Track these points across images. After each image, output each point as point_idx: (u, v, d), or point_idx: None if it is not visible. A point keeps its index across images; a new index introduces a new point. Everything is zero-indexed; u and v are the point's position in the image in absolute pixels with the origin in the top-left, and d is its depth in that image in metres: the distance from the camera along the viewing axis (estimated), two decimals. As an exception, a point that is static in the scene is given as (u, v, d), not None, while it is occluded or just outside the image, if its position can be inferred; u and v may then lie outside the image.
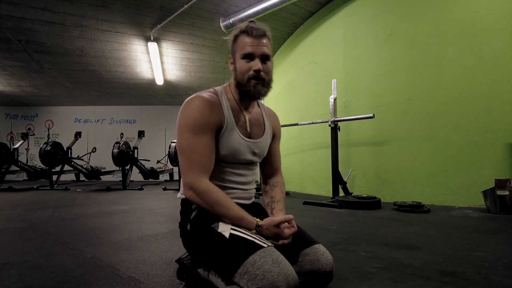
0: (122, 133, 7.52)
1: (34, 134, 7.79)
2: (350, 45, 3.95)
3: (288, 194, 4.32)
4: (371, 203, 2.94)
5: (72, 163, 5.70)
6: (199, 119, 0.95)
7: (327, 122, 3.50)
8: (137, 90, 6.82)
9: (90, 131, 7.92)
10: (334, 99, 3.51)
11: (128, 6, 4.02)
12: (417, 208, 2.71)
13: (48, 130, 8.02)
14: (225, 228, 0.90)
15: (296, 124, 4.07)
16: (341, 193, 3.47)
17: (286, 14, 4.48)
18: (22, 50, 4.81)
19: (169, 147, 5.20)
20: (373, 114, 3.18)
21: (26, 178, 7.10)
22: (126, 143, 5.48)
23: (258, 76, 0.97)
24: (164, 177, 7.34)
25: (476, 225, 2.15)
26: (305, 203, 3.33)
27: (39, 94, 7.00)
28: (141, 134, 6.06)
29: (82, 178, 7.19)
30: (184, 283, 1.10)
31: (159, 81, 6.05)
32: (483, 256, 1.42)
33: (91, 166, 6.46)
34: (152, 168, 6.16)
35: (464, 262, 1.35)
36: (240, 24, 1.01)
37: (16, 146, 5.56)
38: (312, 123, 3.89)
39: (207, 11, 4.28)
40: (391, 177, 3.44)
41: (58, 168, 5.91)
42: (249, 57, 0.97)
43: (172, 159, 5.09)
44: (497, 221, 2.26)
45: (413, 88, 3.33)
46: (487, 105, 2.88)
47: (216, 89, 1.06)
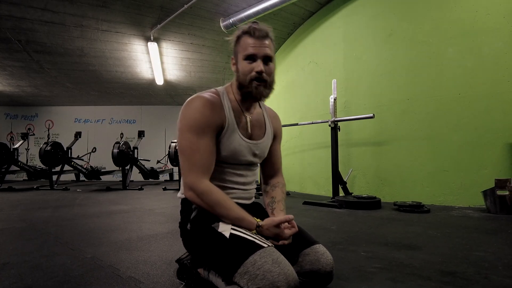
0: (122, 133, 7.51)
1: (34, 134, 7.78)
2: (350, 45, 3.95)
3: (288, 194, 4.32)
4: (371, 203, 2.94)
5: (72, 163, 5.70)
6: (200, 119, 0.94)
7: (327, 122, 3.51)
8: (137, 90, 6.82)
9: (90, 131, 7.92)
10: (334, 99, 3.51)
11: (128, 6, 4.02)
12: (417, 208, 2.71)
13: (48, 130, 8.01)
14: (226, 228, 0.90)
15: (296, 124, 4.07)
16: (341, 193, 3.47)
17: (286, 14, 4.48)
18: (22, 50, 4.81)
19: (169, 147, 5.19)
20: (373, 114, 3.18)
21: (26, 178, 7.10)
22: (126, 143, 5.48)
23: (260, 78, 0.96)
24: (164, 177, 7.34)
25: (476, 225, 2.15)
26: (305, 203, 3.33)
27: (39, 94, 7.00)
28: (141, 134, 6.06)
29: (82, 178, 7.19)
30: (184, 283, 1.10)
31: (159, 81, 6.05)
32: (483, 256, 1.42)
33: (91, 166, 6.46)
34: (152, 168, 6.16)
35: (464, 262, 1.35)
36: (242, 25, 1.00)
37: (16, 146, 5.55)
38: (312, 123, 3.89)
39: (207, 11, 4.28)
40: (391, 177, 3.44)
41: (58, 168, 5.91)
42: (251, 58, 0.96)
43: (172, 159, 5.09)
44: (497, 221, 2.26)
45: (413, 88, 3.33)
46: (487, 105, 2.88)
47: (218, 89, 1.05)
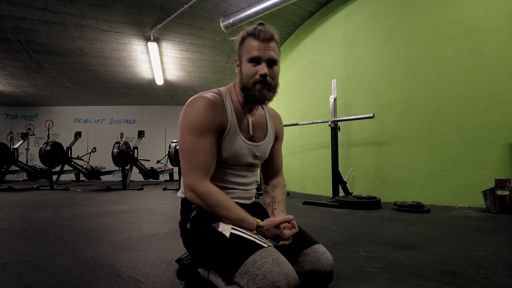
0: (122, 133, 7.51)
1: (34, 134, 7.78)
2: (350, 45, 3.95)
3: (288, 194, 4.31)
4: (371, 203, 2.94)
5: (72, 163, 5.69)
6: (202, 120, 0.93)
7: (327, 122, 3.51)
8: (137, 90, 6.82)
9: (90, 131, 7.92)
10: (334, 99, 3.51)
11: (128, 6, 4.02)
12: (417, 208, 2.71)
13: (48, 130, 8.01)
14: (226, 228, 0.90)
15: (296, 124, 4.07)
16: (341, 193, 3.47)
17: (286, 14, 4.48)
18: (22, 50, 4.81)
19: (169, 147, 5.19)
20: (373, 114, 3.18)
21: (26, 178, 7.10)
22: (126, 143, 5.48)
23: (264, 81, 0.95)
24: (164, 177, 7.33)
25: (476, 225, 2.15)
26: (305, 203, 3.33)
27: (39, 94, 7.00)
28: (141, 134, 6.06)
29: (82, 178, 7.18)
30: (184, 283, 1.10)
31: (159, 81, 6.05)
32: (483, 256, 1.42)
33: (91, 166, 6.45)
34: (152, 168, 6.15)
35: (464, 262, 1.35)
36: (246, 25, 0.99)
37: (16, 146, 5.55)
38: (312, 123, 3.89)
39: (207, 11, 4.28)
40: (391, 177, 3.44)
41: (58, 168, 5.91)
42: (255, 61, 0.95)
43: (172, 159, 5.09)
44: (497, 221, 2.26)
45: (413, 88, 3.33)
46: (487, 105, 2.88)
47: (220, 89, 1.04)
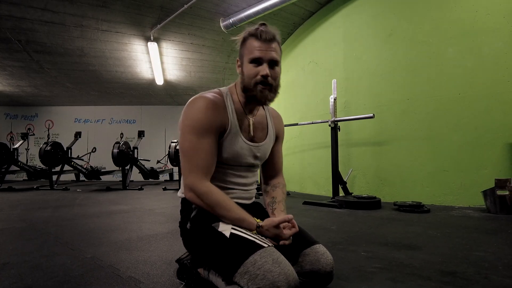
0: (122, 133, 7.51)
1: (34, 134, 7.78)
2: (350, 45, 3.95)
3: (288, 194, 4.31)
4: (371, 203, 2.94)
5: (72, 163, 5.69)
6: (202, 120, 0.93)
7: (327, 122, 3.51)
8: (137, 90, 6.82)
9: (90, 131, 7.92)
10: (334, 99, 3.51)
11: (128, 6, 4.02)
12: (417, 208, 2.71)
13: (48, 130, 8.01)
14: (226, 228, 0.90)
15: (296, 124, 4.07)
16: (341, 193, 3.47)
17: (286, 14, 4.48)
18: (22, 50, 4.81)
19: (169, 147, 5.19)
20: (373, 114, 3.18)
21: (26, 178, 7.10)
22: (126, 143, 5.48)
23: (266, 82, 0.95)
24: (164, 177, 7.33)
25: (476, 225, 2.15)
26: (305, 203, 3.33)
27: (39, 94, 7.00)
28: (141, 134, 6.06)
29: (82, 178, 7.19)
30: (184, 283, 1.10)
31: (159, 81, 6.05)
32: (483, 256, 1.42)
33: (91, 166, 6.45)
34: (152, 168, 6.15)
35: (464, 262, 1.35)
36: (246, 25, 0.99)
37: (16, 146, 5.55)
38: (312, 123, 3.89)
39: (207, 11, 4.28)
40: (391, 177, 3.44)
41: (58, 168, 5.91)
42: (257, 61, 0.95)
43: (172, 159, 5.09)
44: (497, 221, 2.26)
45: (413, 88, 3.33)
46: (487, 105, 2.88)
47: (221, 89, 1.03)
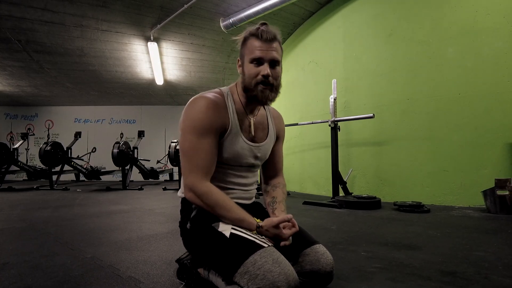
0: (122, 133, 7.51)
1: (34, 134, 7.78)
2: (350, 45, 3.95)
3: (288, 194, 4.31)
4: (371, 203, 2.94)
5: (72, 163, 5.69)
6: (203, 120, 0.93)
7: (327, 122, 3.51)
8: (137, 90, 6.82)
9: (90, 131, 7.92)
10: (334, 99, 3.51)
11: (128, 6, 4.02)
12: (417, 208, 2.71)
13: (48, 130, 8.01)
14: (226, 228, 0.90)
15: (296, 124, 4.07)
16: (341, 193, 3.47)
17: (286, 14, 4.48)
18: (22, 50, 4.81)
19: (169, 147, 5.19)
20: (373, 114, 3.18)
21: (26, 178, 7.10)
22: (126, 143, 5.48)
23: (267, 81, 0.95)
24: (164, 177, 7.33)
25: (476, 225, 2.15)
26: (305, 203, 3.33)
27: (39, 94, 6.99)
28: (141, 134, 6.06)
29: (82, 178, 7.18)
30: (184, 283, 1.10)
31: (159, 81, 6.05)
32: (483, 256, 1.42)
33: (91, 166, 6.45)
34: (152, 168, 6.15)
35: (464, 262, 1.35)
36: (247, 25, 0.99)
37: (16, 146, 5.55)
38: (312, 123, 3.88)
39: (207, 11, 4.28)
40: (391, 177, 3.44)
41: (58, 168, 5.91)
42: (258, 61, 0.95)
43: (172, 159, 5.09)
44: (497, 221, 2.26)
45: (413, 88, 3.33)
46: (487, 105, 2.88)
47: (222, 89, 1.03)
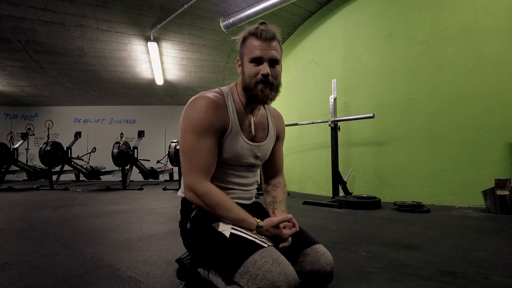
0: (122, 133, 7.51)
1: (34, 134, 7.78)
2: (350, 45, 3.95)
3: (288, 194, 4.30)
4: (371, 203, 2.94)
5: (72, 163, 5.69)
6: (203, 120, 0.93)
7: (327, 122, 3.51)
8: (137, 90, 6.82)
9: (90, 131, 7.92)
10: (334, 99, 3.51)
11: (128, 6, 4.02)
12: (417, 208, 2.71)
13: (48, 130, 8.01)
14: (226, 228, 0.90)
15: (296, 124, 4.07)
16: (341, 193, 3.47)
17: (286, 14, 4.48)
18: (22, 50, 4.81)
19: (169, 147, 5.19)
20: (373, 114, 3.18)
21: (26, 178, 7.10)
22: (126, 143, 5.48)
23: (266, 81, 0.95)
24: (164, 177, 7.33)
25: (476, 225, 2.15)
26: (305, 203, 3.33)
27: (39, 94, 6.99)
28: (141, 134, 6.06)
29: (82, 178, 7.18)
30: (184, 283, 1.10)
31: (159, 81, 6.05)
32: (483, 256, 1.42)
33: (91, 166, 6.45)
34: (152, 168, 6.15)
35: (464, 262, 1.35)
36: (246, 24, 0.99)
37: (16, 146, 5.55)
38: (312, 123, 3.88)
39: (207, 11, 4.28)
40: (391, 177, 3.44)
41: (58, 168, 5.91)
42: (257, 61, 0.95)
43: (172, 159, 5.09)
44: (497, 221, 2.26)
45: (413, 88, 3.33)
46: (487, 105, 2.88)
47: (222, 89, 1.03)
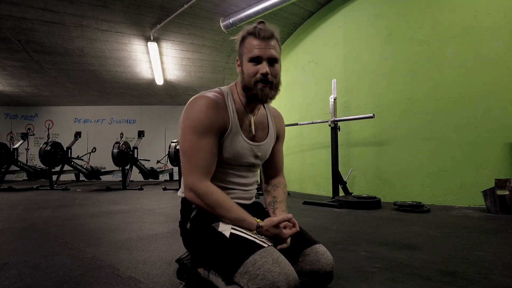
0: (122, 133, 7.51)
1: (34, 134, 7.78)
2: (350, 45, 3.95)
3: (288, 194, 4.29)
4: (371, 203, 2.94)
5: (72, 163, 5.69)
6: (203, 120, 0.93)
7: (327, 122, 3.51)
8: (137, 90, 6.82)
9: (90, 131, 7.92)
10: (334, 99, 3.51)
11: (128, 6, 4.02)
12: (417, 208, 2.71)
13: (48, 130, 8.01)
14: (226, 228, 0.90)
15: (296, 124, 4.07)
16: (341, 193, 3.47)
17: (286, 14, 4.48)
18: (22, 50, 4.81)
19: (169, 147, 5.19)
20: (373, 114, 3.18)
21: (26, 178, 7.10)
22: (126, 143, 5.48)
23: (266, 80, 0.94)
24: (164, 177, 7.33)
25: (476, 225, 2.15)
26: (305, 203, 3.33)
27: (39, 94, 6.99)
28: (141, 134, 6.06)
29: (82, 178, 7.18)
30: (184, 283, 1.10)
31: (159, 81, 6.05)
32: (483, 256, 1.42)
33: (91, 166, 6.45)
34: (152, 168, 6.15)
35: (464, 262, 1.35)
36: (245, 24, 0.99)
37: (16, 146, 5.55)
38: (312, 123, 3.88)
39: (207, 11, 4.28)
40: (391, 177, 3.44)
41: (58, 168, 5.91)
42: (256, 60, 0.94)
43: (172, 159, 5.09)
44: (497, 221, 2.26)
45: (413, 88, 3.33)
46: (487, 105, 2.88)
47: (222, 89, 1.03)
